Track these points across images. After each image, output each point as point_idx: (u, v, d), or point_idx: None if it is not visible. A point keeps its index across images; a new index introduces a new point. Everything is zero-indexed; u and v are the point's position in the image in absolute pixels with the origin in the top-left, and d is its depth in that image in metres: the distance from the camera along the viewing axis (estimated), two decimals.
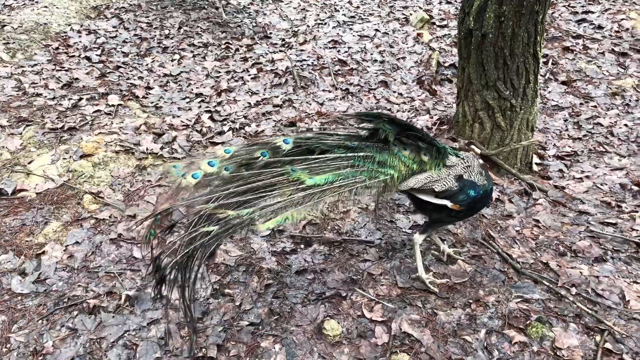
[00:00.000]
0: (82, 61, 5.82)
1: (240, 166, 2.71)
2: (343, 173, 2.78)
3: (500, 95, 4.28)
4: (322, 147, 2.85)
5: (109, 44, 6.26)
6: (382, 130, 2.91)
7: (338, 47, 6.77)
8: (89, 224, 3.69)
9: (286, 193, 2.66)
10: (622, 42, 6.90)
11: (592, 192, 4.35)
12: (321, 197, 2.72)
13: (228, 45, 6.55)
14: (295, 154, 2.80)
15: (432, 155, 3.00)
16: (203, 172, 2.64)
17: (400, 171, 2.92)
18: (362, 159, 2.85)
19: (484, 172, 3.11)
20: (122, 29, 6.65)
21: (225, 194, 2.58)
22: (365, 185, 2.83)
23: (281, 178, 2.69)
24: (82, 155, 4.27)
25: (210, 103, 5.33)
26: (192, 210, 2.53)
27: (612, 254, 3.64)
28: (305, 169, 2.73)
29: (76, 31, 6.41)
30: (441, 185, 2.97)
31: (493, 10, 4.00)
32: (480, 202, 3.11)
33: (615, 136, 5.21)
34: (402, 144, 2.97)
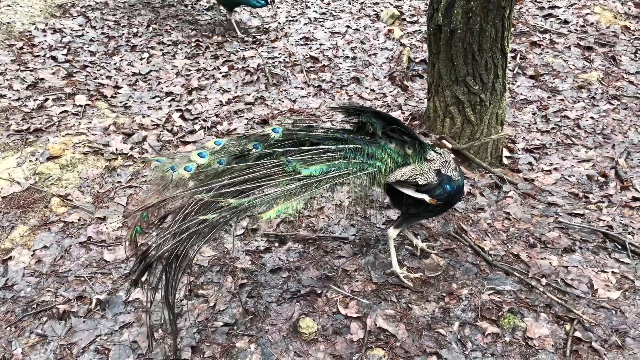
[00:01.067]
0: (48, 61, 5.68)
1: (234, 158, 2.72)
2: (336, 164, 2.82)
3: (469, 90, 4.33)
4: (312, 139, 2.89)
5: (75, 43, 6.12)
6: (369, 123, 2.96)
7: (310, 43, 6.75)
8: (57, 227, 3.61)
9: (283, 183, 2.67)
10: (587, 37, 7.05)
11: (560, 184, 4.44)
12: (318, 187, 2.74)
13: (198, 43, 6.47)
14: (287, 145, 2.83)
15: (415, 149, 3.05)
16: (196, 164, 2.64)
17: (387, 164, 2.97)
18: (352, 151, 2.89)
19: (458, 167, 3.16)
20: (88, 28, 6.51)
21: (222, 184, 2.57)
22: (357, 176, 2.87)
23: (277, 169, 2.71)
24: (49, 157, 4.17)
25: (181, 102, 5.26)
26: (188, 201, 2.49)
27: (580, 244, 3.73)
28: (300, 160, 2.76)
29: (41, 30, 6.25)
30: (424, 179, 3.01)
31: (461, 6, 4.04)
32: (454, 197, 3.15)
33: (582, 128, 5.33)
34: (387, 138, 3.01)
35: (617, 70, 6.46)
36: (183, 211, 2.48)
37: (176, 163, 2.64)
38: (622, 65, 6.55)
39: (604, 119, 5.51)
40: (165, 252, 2.39)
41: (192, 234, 2.43)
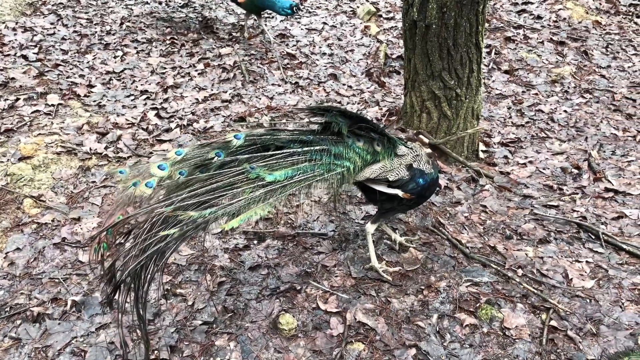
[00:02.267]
0: (19, 60, 5.55)
1: (195, 168, 2.64)
2: (301, 167, 2.78)
3: (445, 85, 4.36)
4: (277, 143, 2.83)
5: (46, 41, 5.99)
6: (334, 123, 2.92)
7: (286, 40, 6.73)
8: (30, 229, 3.53)
9: (246, 191, 2.62)
10: (560, 32, 7.17)
11: (535, 177, 4.51)
12: (282, 192, 2.70)
13: (173, 40, 6.40)
14: (251, 151, 2.77)
15: (384, 146, 3.05)
16: (157, 179, 2.55)
17: (356, 162, 2.96)
18: (318, 152, 2.86)
19: (431, 160, 3.18)
20: (60, 26, 6.38)
21: (184, 197, 2.49)
22: (324, 178, 2.84)
23: (241, 177, 2.65)
24: (21, 157, 4.08)
25: (156, 100, 5.20)
26: (149, 215, 2.43)
27: (555, 235, 3.79)
28: (264, 166, 2.71)
29: (11, 29, 6.11)
30: (395, 175, 3.02)
31: (435, 1, 4.07)
32: (428, 190, 3.18)
33: (556, 122, 5.42)
34: (355, 136, 3.00)
35: (589, 65, 6.58)
36: (145, 227, 2.41)
37: (138, 178, 2.55)
38: (593, 60, 6.68)
39: (577, 112, 5.61)
40: (131, 272, 2.34)
41: (155, 251, 2.36)
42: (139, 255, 2.34)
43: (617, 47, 6.97)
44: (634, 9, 7.98)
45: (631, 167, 4.66)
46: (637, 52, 6.92)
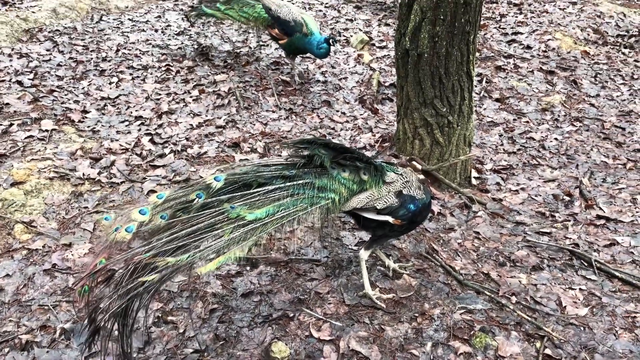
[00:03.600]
0: (13, 85, 5.57)
1: (176, 211, 2.65)
2: (283, 203, 2.78)
3: (437, 112, 4.41)
4: (259, 180, 2.84)
5: (42, 67, 6.03)
6: (317, 156, 2.94)
7: (281, 68, 6.81)
8: (21, 255, 3.50)
9: (227, 232, 2.62)
10: (549, 61, 7.30)
11: (528, 203, 4.53)
12: (263, 231, 2.70)
13: (169, 67, 6.45)
14: (232, 190, 2.77)
15: (372, 174, 3.06)
16: (137, 223, 2.57)
17: (341, 193, 2.96)
18: (301, 186, 2.86)
19: (422, 186, 3.20)
20: (56, 52, 6.43)
21: (163, 241, 2.51)
22: (307, 212, 2.84)
23: (221, 217, 2.65)
24: (13, 183, 4.06)
25: (150, 126, 5.22)
26: (129, 261, 2.46)
27: (548, 262, 3.79)
28: (245, 205, 2.71)
29: (7, 55, 6.14)
30: (383, 203, 3.03)
31: (427, 31, 4.15)
32: (420, 215, 3.19)
33: (547, 149, 5.48)
34: (340, 166, 3.01)
35: (578, 93, 6.69)
36: (125, 273, 2.44)
37: (120, 222, 2.57)
38: (583, 89, 6.79)
39: (568, 140, 5.68)
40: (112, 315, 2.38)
41: (134, 295, 2.40)
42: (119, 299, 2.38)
43: (605, 77, 7.10)
44: (621, 40, 8.17)
45: (622, 195, 4.70)
46: (625, 82, 7.06)
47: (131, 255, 2.46)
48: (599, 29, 8.30)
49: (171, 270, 2.47)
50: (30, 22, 6.95)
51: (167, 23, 7.76)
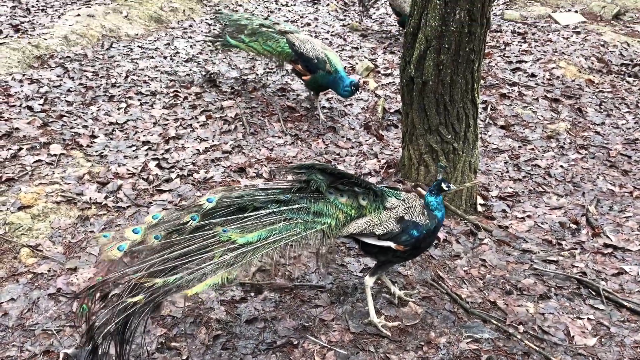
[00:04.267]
0: (24, 111, 5.65)
1: (170, 232, 2.69)
2: (277, 228, 2.80)
3: (443, 139, 4.44)
4: (255, 204, 2.86)
5: (52, 93, 6.12)
6: (313, 181, 2.97)
7: (287, 94, 6.88)
8: (26, 279, 3.50)
9: (217, 255, 2.64)
10: (554, 89, 7.35)
11: (534, 231, 4.51)
12: (254, 255, 2.72)
13: (177, 93, 6.54)
14: (227, 213, 2.80)
15: (371, 199, 3.07)
16: (130, 242, 2.61)
17: (338, 218, 2.97)
18: (296, 211, 2.88)
19: (427, 212, 3.18)
20: (66, 78, 6.54)
21: (154, 262, 2.55)
22: (302, 236, 2.85)
23: (212, 240, 2.68)
24: (21, 206, 4.09)
25: (157, 150, 5.26)
26: (122, 280, 2.51)
27: (555, 291, 3.76)
28: (237, 228, 2.74)
29: (18, 81, 6.25)
30: (382, 229, 3.03)
31: (432, 59, 4.20)
32: (424, 242, 3.17)
33: (553, 177, 5.47)
34: (338, 191, 3.03)
35: (583, 121, 6.71)
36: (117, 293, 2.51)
37: (114, 241, 2.63)
38: (588, 117, 6.82)
39: (573, 168, 5.67)
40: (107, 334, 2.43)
41: (128, 315, 2.45)
42: (113, 318, 2.43)
43: (610, 105, 7.13)
44: (626, 69, 8.22)
45: (629, 223, 4.67)
46: (630, 110, 7.08)
47: (120, 275, 2.51)
48: (603, 58, 8.37)
49: (159, 291, 2.50)
50: (42, 48, 7.08)
51: (176, 50, 7.90)
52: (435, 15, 4.07)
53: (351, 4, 10.80)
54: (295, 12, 9.97)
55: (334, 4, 10.57)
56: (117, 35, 8.05)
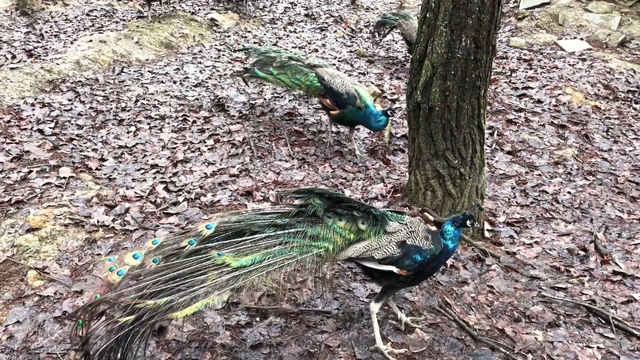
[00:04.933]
0: (35, 134, 5.74)
1: (168, 256, 2.76)
2: (272, 251, 2.83)
3: (449, 164, 4.45)
4: (252, 228, 2.90)
5: (63, 116, 6.22)
6: (310, 205, 2.99)
7: (294, 118, 6.95)
8: (32, 301, 3.50)
9: (210, 277, 2.70)
10: (560, 115, 7.37)
11: (542, 258, 4.47)
12: (247, 278, 2.75)
13: (185, 117, 6.61)
14: (224, 238, 2.85)
15: (370, 223, 3.07)
16: (128, 267, 2.70)
17: (336, 242, 2.98)
18: (292, 235, 2.91)
19: (431, 236, 3.16)
20: (77, 102, 6.64)
21: (149, 283, 2.62)
22: (297, 260, 2.87)
23: (207, 263, 2.74)
24: (29, 229, 4.12)
25: (165, 174, 5.30)
26: (117, 300, 2.59)
27: (564, 318, 3.71)
28: (232, 252, 2.78)
29: (30, 104, 6.35)
30: (382, 253, 3.02)
31: (438, 85, 4.24)
32: (427, 266, 3.14)
33: (560, 203, 5.45)
34: (337, 215, 3.04)
35: (590, 147, 6.71)
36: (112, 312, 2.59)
37: (115, 264, 2.73)
38: (595, 143, 6.82)
39: (581, 194, 5.65)
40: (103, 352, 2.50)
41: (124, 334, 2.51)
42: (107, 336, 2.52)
43: (617, 132, 7.13)
44: (632, 95, 8.25)
45: (638, 250, 4.63)
46: (637, 137, 7.08)
47: (116, 295, 2.59)
48: (610, 85, 8.41)
49: (150, 312, 2.56)
50: (54, 73, 7.21)
51: (186, 75, 8.01)
52: (442, 43, 4.12)
53: (358, 31, 10.96)
54: (303, 39, 10.12)
55: (342, 31, 10.72)
56: (128, 60, 8.19)
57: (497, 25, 4.18)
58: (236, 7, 10.94)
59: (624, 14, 10.66)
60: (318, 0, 12.25)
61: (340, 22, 11.09)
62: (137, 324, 2.53)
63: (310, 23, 10.89)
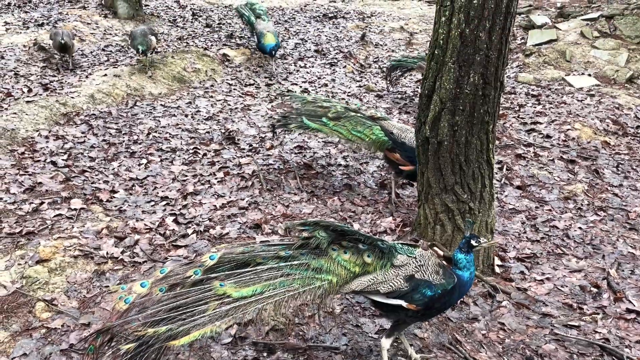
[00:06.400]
0: (47, 166, 5.82)
1: (173, 285, 2.84)
2: (273, 283, 2.85)
3: (458, 198, 4.44)
4: (256, 259, 2.94)
5: (76, 149, 6.31)
6: (314, 238, 3.00)
7: (304, 152, 7.00)
8: (39, 333, 3.49)
9: (211, 307, 2.75)
10: (569, 150, 7.37)
11: (554, 294, 4.41)
12: (246, 309, 2.79)
13: (196, 150, 6.69)
14: (228, 269, 2.90)
15: (376, 256, 3.06)
16: (135, 295, 2.79)
17: (340, 275, 2.98)
18: (295, 267, 2.93)
19: (442, 270, 3.13)
20: (90, 135, 6.75)
21: (152, 312, 2.71)
22: (299, 292, 2.88)
23: (209, 293, 2.79)
24: (39, 260, 4.14)
25: (175, 206, 5.33)
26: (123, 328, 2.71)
27: (577, 357, 3.63)
28: (235, 283, 2.83)
29: (44, 136, 6.47)
30: (387, 287, 2.99)
31: (447, 120, 4.27)
32: (438, 301, 3.10)
33: (571, 238, 5.39)
34: (342, 248, 3.04)
35: (600, 183, 6.68)
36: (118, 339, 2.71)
37: (124, 293, 2.84)
38: (605, 178, 6.79)
39: (592, 230, 5.60)
40: None
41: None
42: None
43: (627, 167, 7.11)
44: None
45: None
46: None
47: (122, 322, 2.69)
48: (619, 120, 8.42)
49: (148, 342, 2.62)
50: (69, 106, 7.36)
51: (197, 109, 8.14)
52: (450, 79, 4.18)
53: (367, 66, 11.12)
54: (312, 74, 10.28)
55: (351, 66, 10.88)
56: (141, 94, 8.35)
57: (505, 62, 4.24)
58: (247, 44, 11.18)
59: (631, 51, 10.75)
60: (328, 36, 12.50)
61: (350, 57, 11.27)
62: (140, 351, 2.60)
63: (320, 58, 11.08)
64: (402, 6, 16.52)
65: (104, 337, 2.71)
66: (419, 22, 14.14)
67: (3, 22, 10.33)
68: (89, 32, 10.52)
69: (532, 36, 11.68)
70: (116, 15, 11.59)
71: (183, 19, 12.64)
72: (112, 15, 11.60)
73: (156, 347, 2.64)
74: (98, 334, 2.72)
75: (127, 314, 2.74)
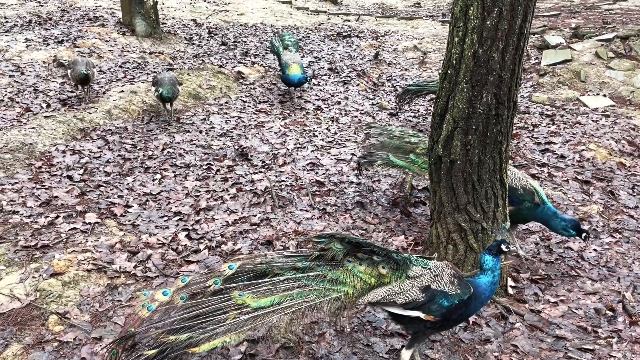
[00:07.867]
0: (64, 180, 5.90)
1: (194, 294, 2.91)
2: (290, 294, 2.90)
3: (471, 218, 4.42)
4: (274, 270, 2.99)
5: (92, 163, 6.40)
6: (330, 250, 3.04)
7: (316, 169, 7.02)
8: (52, 347, 3.51)
9: (231, 317, 2.81)
10: (584, 171, 7.31)
11: (568, 317, 4.34)
12: (264, 319, 2.84)
13: (210, 166, 6.75)
14: (247, 279, 2.96)
15: (391, 268, 3.07)
16: (158, 303, 2.88)
17: (356, 287, 3.01)
18: (312, 278, 2.97)
19: (457, 281, 3.12)
20: (106, 150, 6.85)
21: (173, 320, 2.78)
22: (315, 303, 2.92)
23: (228, 303, 2.85)
24: (53, 273, 4.18)
25: (188, 221, 5.37)
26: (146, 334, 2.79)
27: None
28: (253, 293, 2.88)
29: (61, 151, 6.57)
30: (403, 298, 3.00)
31: (460, 139, 4.27)
32: (455, 312, 3.08)
33: (586, 260, 5.32)
34: (357, 260, 3.06)
35: (616, 204, 6.60)
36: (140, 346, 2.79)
37: (147, 300, 2.93)
38: (620, 200, 6.71)
39: (607, 252, 5.52)
40: None
41: None
42: None
43: None
44: None
45: None
46: None
47: (145, 329, 2.77)
48: (634, 142, 8.35)
49: (169, 348, 2.69)
50: (86, 122, 7.48)
51: (211, 125, 8.23)
52: (463, 98, 4.19)
53: (380, 85, 11.18)
54: (326, 91, 10.36)
55: (364, 84, 10.95)
56: (156, 110, 8.46)
57: (518, 82, 4.24)
58: (262, 61, 11.31)
59: None
60: (342, 55, 12.61)
61: (363, 75, 11.34)
62: (161, 358, 2.68)
63: (333, 77, 11.17)
64: (416, 25, 16.64)
65: (126, 342, 2.79)
66: (432, 42, 14.22)
67: (24, 39, 10.58)
68: (107, 49, 10.73)
69: (547, 56, 11.69)
70: (134, 33, 11.82)
71: (199, 37, 12.85)
72: (130, 33, 11.83)
73: (176, 354, 2.70)
74: (121, 340, 2.79)
75: (148, 320, 2.81)
